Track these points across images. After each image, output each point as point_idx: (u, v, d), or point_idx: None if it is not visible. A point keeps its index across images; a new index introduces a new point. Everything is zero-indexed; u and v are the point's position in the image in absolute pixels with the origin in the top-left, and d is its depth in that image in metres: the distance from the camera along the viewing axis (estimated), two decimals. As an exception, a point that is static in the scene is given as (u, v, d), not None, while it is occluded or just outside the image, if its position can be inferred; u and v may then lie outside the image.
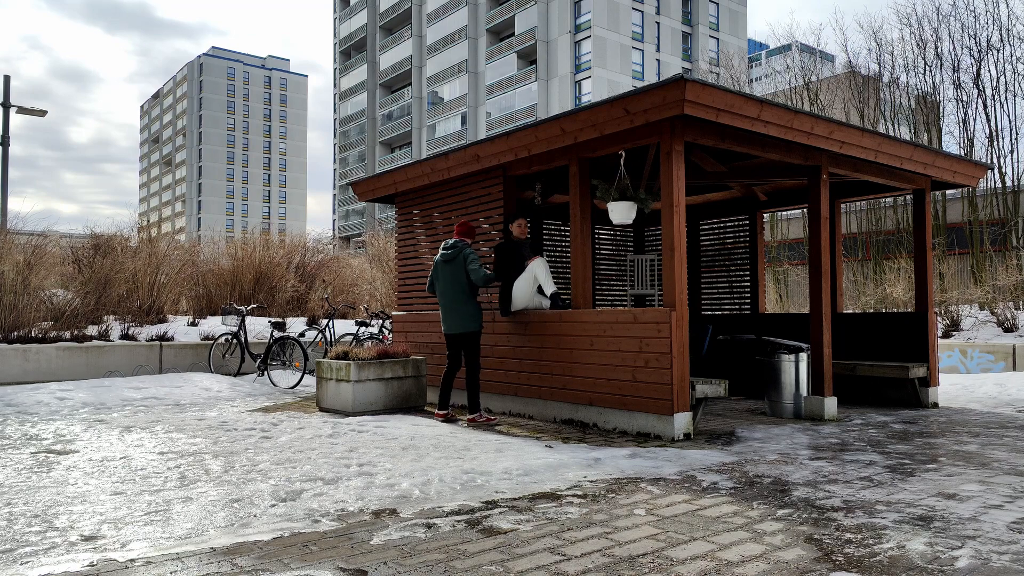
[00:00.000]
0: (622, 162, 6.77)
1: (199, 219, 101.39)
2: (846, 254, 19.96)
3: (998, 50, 20.04)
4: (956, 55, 20.88)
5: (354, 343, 11.05)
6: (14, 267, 10.54)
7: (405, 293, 9.20)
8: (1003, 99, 19.96)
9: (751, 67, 44.14)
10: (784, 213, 22.07)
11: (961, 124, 20.32)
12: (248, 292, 14.12)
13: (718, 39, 59.23)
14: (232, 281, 14.36)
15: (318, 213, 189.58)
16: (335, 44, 78.71)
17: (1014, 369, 11.46)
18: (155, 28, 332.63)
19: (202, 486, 4.32)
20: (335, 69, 78.80)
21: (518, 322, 7.31)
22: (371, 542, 3.25)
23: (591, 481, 4.42)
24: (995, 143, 19.73)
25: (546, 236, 9.90)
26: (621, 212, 6.81)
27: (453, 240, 7.04)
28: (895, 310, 14.29)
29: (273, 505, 3.89)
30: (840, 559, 3.02)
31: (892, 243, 19.37)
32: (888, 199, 19.77)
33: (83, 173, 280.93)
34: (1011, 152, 20.38)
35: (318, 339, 11.50)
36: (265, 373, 10.25)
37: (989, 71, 27.53)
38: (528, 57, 56.46)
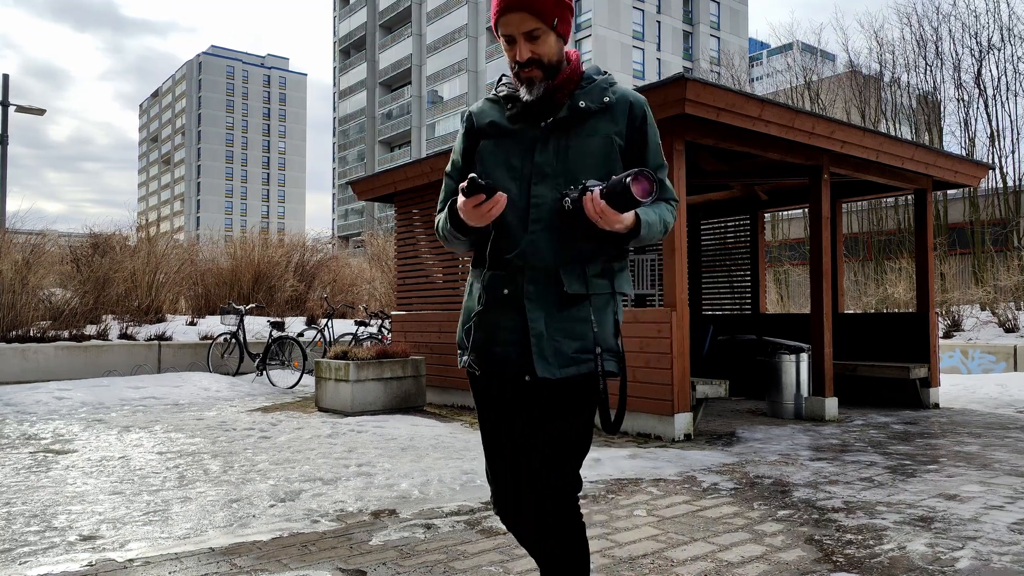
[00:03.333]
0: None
1: (198, 218, 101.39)
2: (847, 254, 19.95)
3: (999, 50, 20.04)
4: (957, 55, 20.93)
5: (353, 343, 11.03)
6: (13, 266, 10.53)
7: (404, 293, 9.18)
8: (1004, 99, 19.97)
9: (752, 66, 44.12)
10: (785, 213, 22.06)
11: (962, 124, 20.34)
12: (247, 292, 14.10)
13: (719, 38, 59.23)
14: (231, 280, 14.34)
15: (317, 212, 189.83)
16: (334, 43, 78.68)
17: (1015, 370, 11.44)
18: (123, 26, 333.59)
19: (201, 486, 4.31)
20: (334, 68, 78.78)
21: (518, 322, 7.28)
22: (370, 543, 3.24)
23: (591, 482, 4.41)
24: (996, 143, 19.74)
25: (546, 236, 9.88)
26: (621, 212, 6.79)
27: None
28: (896, 310, 14.28)
29: (272, 505, 3.87)
30: (841, 560, 3.01)
31: (893, 243, 19.35)
32: (889, 199, 19.76)
33: (64, 171, 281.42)
34: (1012, 152, 20.37)
35: (317, 339, 11.48)
36: (264, 373, 10.23)
37: (990, 71, 27.56)
38: (528, 56, 56.36)
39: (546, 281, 1.86)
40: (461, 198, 1.79)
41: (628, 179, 1.70)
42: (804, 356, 7.16)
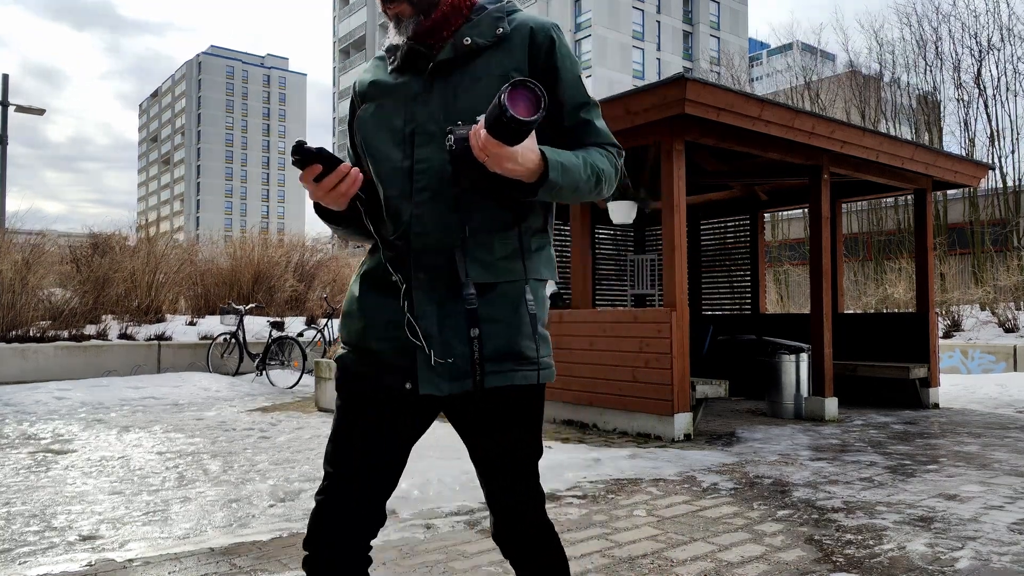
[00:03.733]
0: (622, 161, 6.75)
1: (197, 218, 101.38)
2: (847, 254, 19.96)
3: (999, 50, 20.07)
4: (957, 55, 20.96)
5: (353, 342, 11.01)
6: (12, 266, 10.52)
7: (405, 292, 9.17)
8: (1004, 99, 19.99)
9: (752, 66, 44.13)
10: (785, 213, 22.07)
11: (962, 124, 20.36)
12: (247, 292, 14.09)
13: (719, 38, 59.24)
14: (230, 281, 14.34)
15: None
16: (334, 43, 78.68)
17: (1015, 370, 11.44)
18: (121, 26, 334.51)
19: (200, 486, 4.30)
20: (334, 68, 78.78)
21: (518, 322, 7.28)
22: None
23: (591, 482, 4.40)
24: (996, 143, 19.75)
25: (546, 235, 9.87)
26: (621, 212, 6.80)
27: None
28: (896, 310, 14.28)
29: (271, 505, 3.87)
30: (840, 560, 3.01)
31: (893, 243, 19.36)
32: (889, 199, 19.77)
33: (64, 172, 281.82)
34: (1012, 152, 20.41)
35: (317, 339, 11.48)
36: (264, 373, 10.23)
37: (990, 71, 27.59)
38: (528, 56, 56.38)
39: (437, 266, 1.45)
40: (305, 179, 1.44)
41: (503, 95, 1.25)
42: (804, 356, 7.16)
